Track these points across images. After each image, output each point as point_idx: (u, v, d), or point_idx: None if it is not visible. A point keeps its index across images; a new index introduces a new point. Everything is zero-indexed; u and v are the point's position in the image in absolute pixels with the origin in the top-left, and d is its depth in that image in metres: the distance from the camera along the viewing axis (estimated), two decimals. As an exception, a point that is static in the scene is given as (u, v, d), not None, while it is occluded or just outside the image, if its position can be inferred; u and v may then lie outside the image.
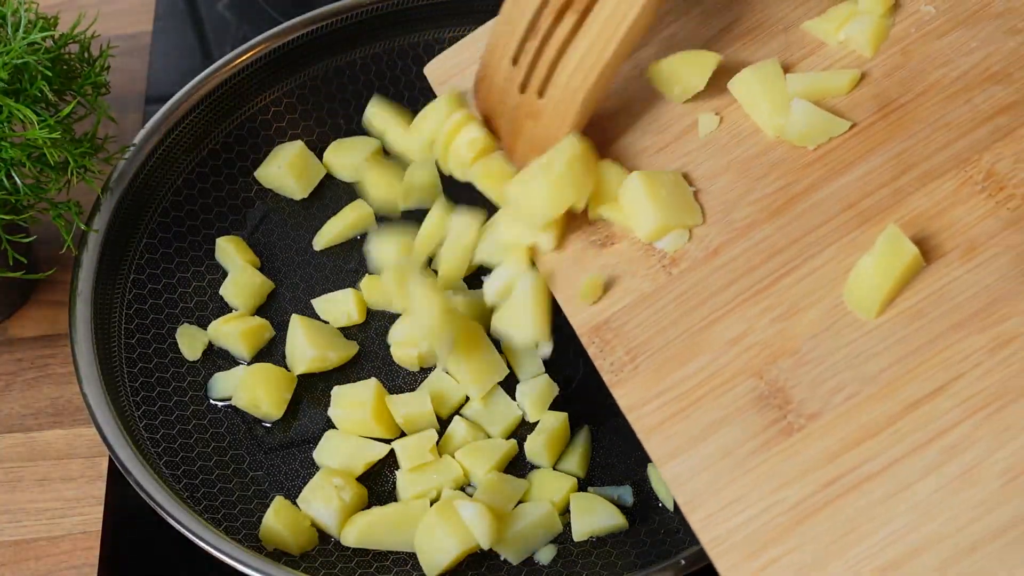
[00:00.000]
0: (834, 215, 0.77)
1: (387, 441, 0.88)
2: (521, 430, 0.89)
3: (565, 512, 0.85)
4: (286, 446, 0.89)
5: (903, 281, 0.73)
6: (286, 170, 1.01)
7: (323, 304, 0.95)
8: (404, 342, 0.91)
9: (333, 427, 0.89)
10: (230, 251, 0.97)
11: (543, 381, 0.90)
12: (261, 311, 0.96)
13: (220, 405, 0.91)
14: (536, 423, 0.89)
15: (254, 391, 0.89)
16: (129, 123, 1.08)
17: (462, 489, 0.86)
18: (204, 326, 0.94)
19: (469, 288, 0.94)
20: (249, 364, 0.92)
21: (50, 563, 0.86)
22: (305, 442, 0.89)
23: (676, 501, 0.72)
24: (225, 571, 0.80)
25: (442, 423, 0.89)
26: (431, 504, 0.84)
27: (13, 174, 0.85)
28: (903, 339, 0.72)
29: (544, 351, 0.83)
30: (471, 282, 0.95)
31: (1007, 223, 0.74)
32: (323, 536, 0.85)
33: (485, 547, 0.82)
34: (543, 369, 0.91)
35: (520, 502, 0.85)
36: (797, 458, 0.70)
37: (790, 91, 0.81)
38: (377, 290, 0.95)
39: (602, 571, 0.82)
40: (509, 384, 0.90)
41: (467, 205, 0.90)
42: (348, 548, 0.84)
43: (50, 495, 0.89)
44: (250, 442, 0.90)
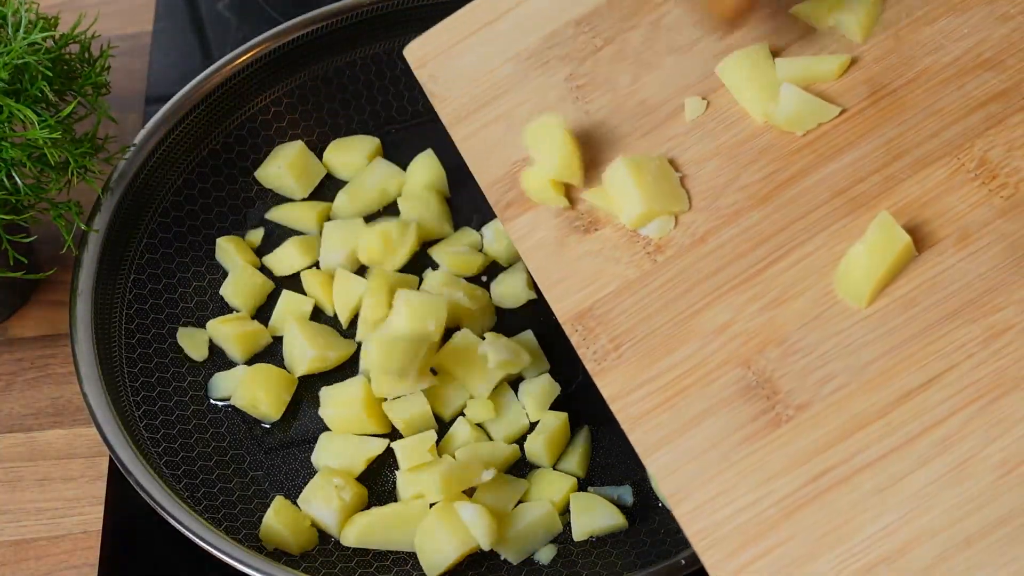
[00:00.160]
0: (824, 202, 0.76)
1: (383, 436, 0.88)
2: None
3: (565, 512, 0.85)
4: (286, 446, 0.89)
5: (895, 269, 0.72)
6: (286, 170, 1.01)
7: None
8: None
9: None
10: (230, 251, 0.97)
11: (545, 380, 0.90)
12: (261, 311, 0.96)
13: (220, 405, 0.91)
14: (536, 423, 0.89)
15: (254, 392, 0.89)
16: (129, 123, 1.08)
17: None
18: (204, 326, 0.94)
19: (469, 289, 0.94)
20: (248, 365, 0.92)
21: (50, 563, 0.86)
22: (305, 442, 0.89)
23: (662, 493, 0.70)
24: (225, 571, 0.80)
25: (443, 424, 0.89)
26: (431, 505, 0.84)
27: (14, 174, 0.85)
28: (894, 329, 0.71)
29: None
30: (471, 282, 0.95)
31: (1001, 211, 0.73)
32: (323, 536, 0.85)
33: (485, 547, 0.82)
34: (547, 367, 0.91)
35: (520, 502, 0.85)
36: (786, 450, 0.69)
37: (779, 76, 0.80)
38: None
39: (602, 571, 0.82)
40: (513, 383, 0.90)
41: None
42: (348, 548, 0.84)
43: (50, 495, 0.89)
44: (250, 442, 0.90)
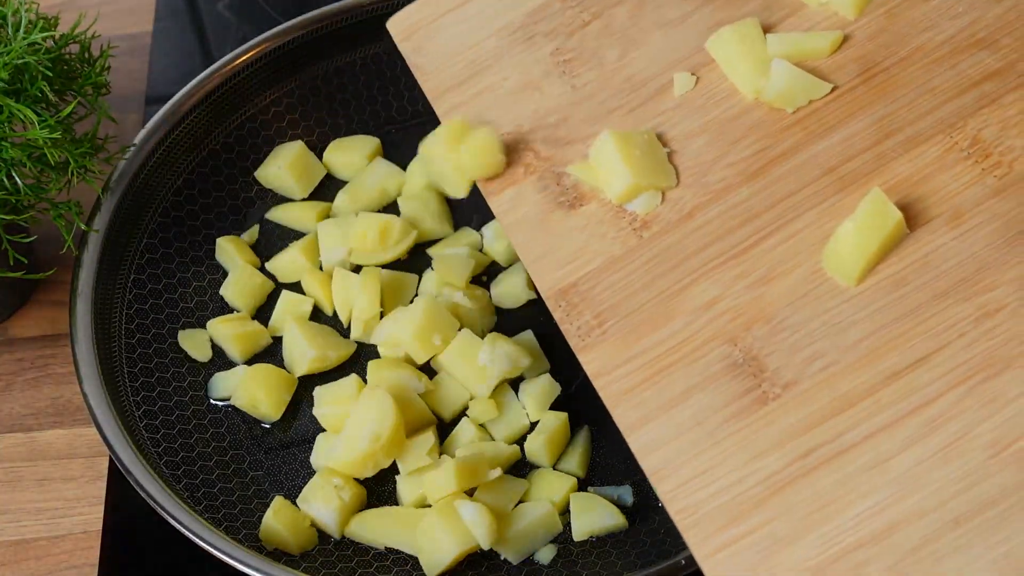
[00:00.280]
0: (813, 179, 0.75)
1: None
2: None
3: (565, 512, 0.85)
4: (286, 446, 0.89)
5: (886, 247, 0.71)
6: (286, 170, 1.01)
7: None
8: (388, 342, 0.91)
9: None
10: (230, 251, 0.97)
11: (545, 380, 0.90)
12: (261, 311, 0.96)
13: (220, 405, 0.91)
14: (536, 422, 0.89)
15: (254, 392, 0.89)
16: (129, 123, 1.08)
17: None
18: (204, 327, 0.94)
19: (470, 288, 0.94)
20: (248, 365, 0.92)
21: (50, 563, 0.86)
22: (305, 442, 0.89)
23: (644, 471, 0.70)
24: (225, 571, 0.80)
25: (443, 423, 0.89)
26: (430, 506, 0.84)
27: (14, 174, 0.85)
28: (884, 307, 0.70)
29: None
30: (472, 282, 0.95)
31: (994, 191, 0.72)
32: (323, 536, 0.85)
33: (485, 547, 0.82)
34: (547, 367, 0.91)
35: (520, 502, 0.85)
36: (772, 428, 0.68)
37: (770, 52, 0.79)
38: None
39: (602, 571, 0.82)
40: (513, 383, 0.90)
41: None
42: (348, 548, 0.84)
43: (50, 495, 0.89)
44: (250, 442, 0.90)
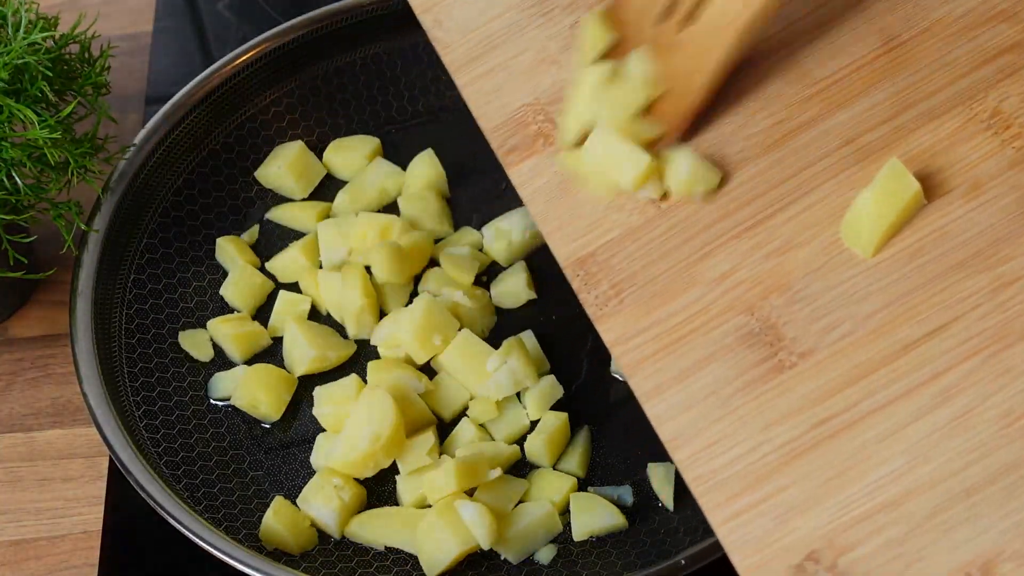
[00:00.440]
0: (832, 150, 0.75)
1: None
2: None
3: (565, 512, 0.85)
4: (286, 446, 0.89)
5: (903, 218, 0.71)
6: (286, 170, 1.01)
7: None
8: (388, 342, 0.91)
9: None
10: (230, 251, 0.97)
11: (548, 381, 0.90)
12: (261, 311, 0.96)
13: (220, 405, 0.91)
14: (536, 422, 0.89)
15: (254, 392, 0.89)
16: (129, 123, 1.08)
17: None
18: (204, 327, 0.94)
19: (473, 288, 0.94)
20: (248, 365, 0.92)
21: (50, 563, 0.86)
22: (305, 442, 0.89)
23: (660, 438, 0.70)
24: (225, 571, 0.80)
25: (443, 423, 0.89)
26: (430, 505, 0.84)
27: (14, 174, 0.85)
28: (901, 278, 0.70)
29: None
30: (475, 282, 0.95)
31: (1013, 162, 0.72)
32: (323, 536, 0.85)
33: (485, 547, 0.82)
34: (547, 367, 0.91)
35: (520, 502, 0.85)
36: (787, 397, 0.69)
37: None
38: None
39: (602, 571, 0.82)
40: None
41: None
42: (348, 548, 0.84)
43: (50, 495, 0.89)
44: (250, 442, 0.90)
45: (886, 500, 0.65)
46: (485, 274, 0.97)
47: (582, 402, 0.90)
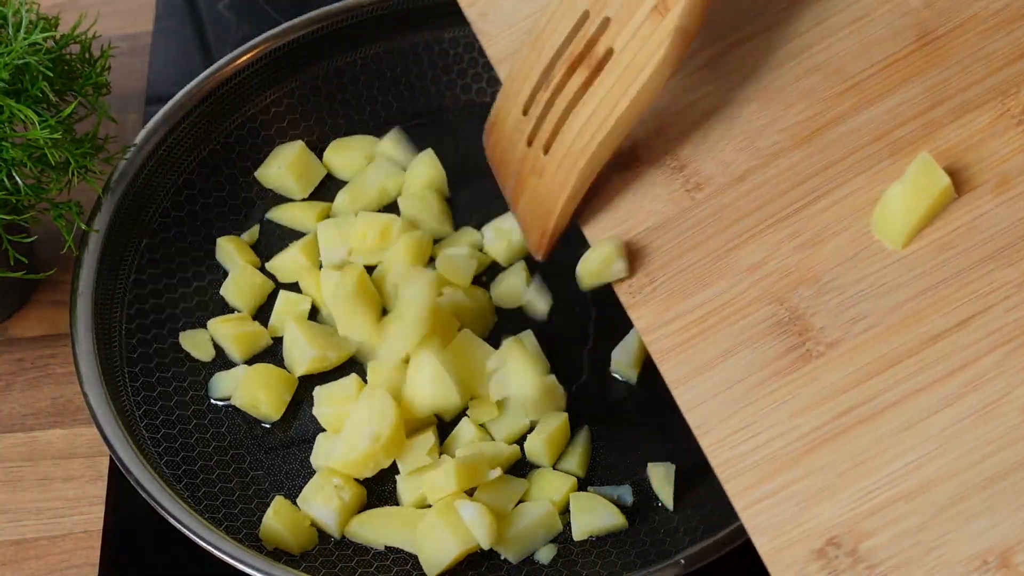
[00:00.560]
0: (864, 144, 0.76)
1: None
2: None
3: (565, 512, 0.85)
4: (286, 446, 0.89)
5: (933, 211, 0.72)
6: (286, 170, 1.01)
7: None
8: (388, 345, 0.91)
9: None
10: (230, 251, 0.97)
11: (549, 381, 0.90)
12: (262, 311, 0.96)
13: (221, 405, 0.91)
14: (535, 422, 0.89)
15: (254, 392, 0.89)
16: (129, 123, 1.08)
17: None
18: (205, 327, 0.94)
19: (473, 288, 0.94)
20: (249, 365, 0.92)
21: (50, 563, 0.86)
22: (305, 442, 0.89)
23: (689, 424, 0.71)
24: (225, 571, 0.80)
25: (443, 423, 0.89)
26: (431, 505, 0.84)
27: (14, 174, 0.85)
28: (929, 271, 0.71)
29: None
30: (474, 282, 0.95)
31: None
32: (323, 536, 0.85)
33: (485, 547, 0.82)
34: (547, 367, 0.91)
35: (520, 501, 0.85)
36: (814, 385, 0.70)
37: None
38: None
39: (602, 571, 0.82)
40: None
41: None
42: (348, 548, 0.84)
43: (51, 495, 0.89)
44: (250, 442, 0.90)
45: (907, 488, 0.66)
46: (485, 274, 0.97)
47: (582, 402, 0.90)
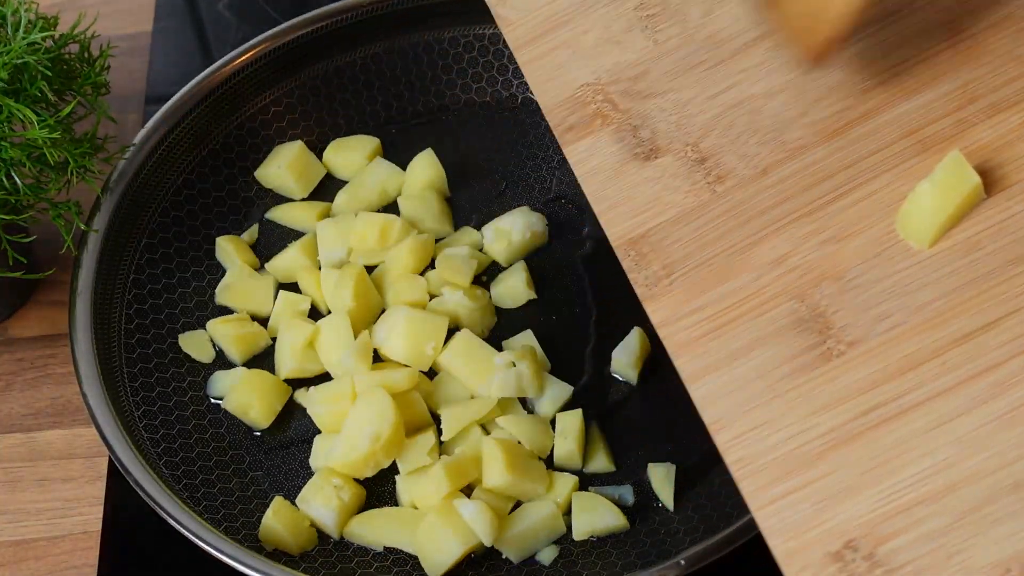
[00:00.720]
0: (892, 142, 0.75)
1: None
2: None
3: (566, 512, 0.85)
4: (286, 446, 0.89)
5: (962, 211, 0.71)
6: (286, 170, 1.01)
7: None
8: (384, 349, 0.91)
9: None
10: (230, 251, 0.97)
11: (557, 382, 0.89)
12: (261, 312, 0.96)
13: (220, 405, 0.91)
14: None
15: (246, 397, 0.89)
16: (129, 123, 1.08)
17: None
18: (204, 327, 0.94)
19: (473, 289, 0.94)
20: (247, 368, 0.92)
21: (50, 563, 0.86)
22: (305, 442, 0.89)
23: (703, 420, 0.70)
24: (225, 571, 0.79)
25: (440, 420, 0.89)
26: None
27: (13, 174, 0.85)
28: (956, 271, 0.70)
29: None
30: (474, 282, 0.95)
31: None
32: (322, 536, 0.85)
33: (488, 544, 0.82)
34: (547, 367, 0.91)
35: (520, 502, 0.85)
36: (835, 384, 0.69)
37: None
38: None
39: (602, 571, 0.82)
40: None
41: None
42: (348, 548, 0.84)
43: (50, 495, 0.89)
44: (250, 442, 0.89)
45: (929, 491, 0.65)
46: (485, 274, 0.97)
47: (583, 402, 0.90)
